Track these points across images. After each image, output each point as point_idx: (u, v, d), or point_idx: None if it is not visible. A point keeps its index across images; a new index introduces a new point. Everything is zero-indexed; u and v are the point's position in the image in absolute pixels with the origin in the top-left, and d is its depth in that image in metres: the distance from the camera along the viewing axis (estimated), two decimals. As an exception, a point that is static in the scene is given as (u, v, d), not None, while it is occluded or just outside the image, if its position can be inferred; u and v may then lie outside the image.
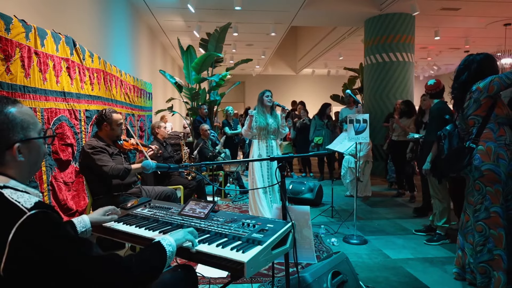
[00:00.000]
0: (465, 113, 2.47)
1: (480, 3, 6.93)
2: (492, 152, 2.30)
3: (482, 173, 2.33)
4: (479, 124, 2.38)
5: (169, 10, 7.29)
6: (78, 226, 1.43)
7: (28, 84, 2.49)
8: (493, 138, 2.32)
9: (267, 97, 3.86)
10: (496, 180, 2.29)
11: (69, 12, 3.89)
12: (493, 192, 2.30)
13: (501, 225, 2.28)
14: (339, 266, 2.17)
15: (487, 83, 2.31)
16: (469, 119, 2.45)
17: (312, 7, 7.09)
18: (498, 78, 2.27)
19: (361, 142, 3.74)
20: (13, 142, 0.99)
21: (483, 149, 2.33)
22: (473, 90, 2.38)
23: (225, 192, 5.61)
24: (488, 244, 2.31)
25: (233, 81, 9.38)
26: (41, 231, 0.88)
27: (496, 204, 2.30)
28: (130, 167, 2.78)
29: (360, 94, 9.23)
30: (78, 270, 0.90)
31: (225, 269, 1.28)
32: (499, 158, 2.29)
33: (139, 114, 5.52)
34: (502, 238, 2.27)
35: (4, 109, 0.98)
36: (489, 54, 2.47)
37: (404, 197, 5.48)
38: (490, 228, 2.31)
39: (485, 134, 2.35)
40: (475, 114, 2.40)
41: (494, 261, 2.29)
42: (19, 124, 1.00)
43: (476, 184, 2.39)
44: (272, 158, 1.75)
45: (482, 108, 2.36)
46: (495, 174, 2.29)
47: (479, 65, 2.43)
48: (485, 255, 2.32)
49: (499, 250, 2.27)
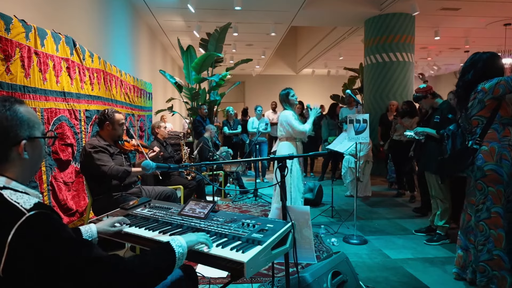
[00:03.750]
0: (469, 113, 2.45)
1: (480, 3, 6.93)
2: (495, 152, 2.29)
3: (484, 173, 2.32)
4: (483, 125, 2.37)
5: (169, 10, 7.29)
6: (84, 235, 1.42)
7: (28, 84, 2.49)
8: (497, 139, 2.31)
9: (293, 97, 3.68)
10: (499, 181, 2.29)
11: (69, 12, 3.89)
12: (495, 192, 2.30)
13: (501, 225, 2.28)
14: (339, 266, 2.16)
15: (493, 84, 2.28)
16: (473, 119, 2.43)
17: (312, 7, 7.09)
18: (505, 81, 2.24)
19: (361, 142, 3.74)
20: (21, 139, 1.00)
21: (486, 149, 2.32)
22: (478, 90, 2.35)
23: (225, 192, 5.61)
24: (488, 244, 2.31)
25: (233, 81, 9.38)
26: (41, 232, 0.88)
27: (497, 205, 2.29)
28: (130, 169, 2.78)
29: (360, 94, 9.23)
30: (78, 272, 0.90)
31: (225, 269, 1.28)
32: (502, 159, 2.28)
33: (139, 114, 5.52)
34: (502, 239, 2.27)
35: (14, 106, 1.01)
36: (495, 53, 2.46)
37: (404, 197, 5.48)
38: (490, 228, 2.31)
39: (489, 134, 2.34)
40: (479, 115, 2.38)
41: (494, 261, 2.29)
42: (26, 122, 1.02)
43: (478, 184, 2.38)
44: (272, 158, 1.75)
45: (486, 109, 2.34)
46: (498, 175, 2.28)
47: (484, 64, 2.40)
48: (485, 255, 2.32)
49: (498, 250, 2.27)
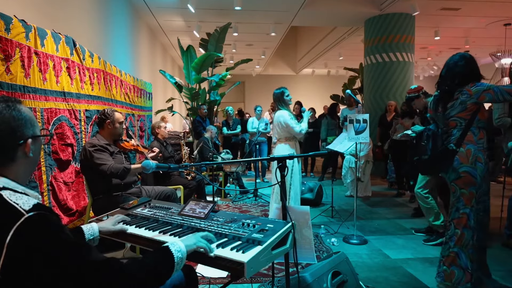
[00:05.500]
0: (447, 113, 2.41)
1: (480, 3, 6.93)
2: (471, 155, 2.30)
3: (459, 175, 2.33)
4: (461, 126, 2.35)
5: (169, 10, 7.29)
6: (86, 233, 1.42)
7: (28, 84, 2.49)
8: (474, 141, 2.31)
9: (288, 97, 3.63)
10: (472, 183, 2.30)
11: (69, 12, 3.89)
12: (467, 194, 2.32)
13: (466, 225, 2.32)
14: (339, 266, 2.17)
15: (480, 91, 2.25)
16: (451, 120, 2.40)
17: (312, 7, 7.09)
18: (493, 91, 2.21)
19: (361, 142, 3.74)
20: (27, 138, 1.01)
21: (463, 151, 2.32)
22: (463, 91, 2.32)
23: (225, 192, 5.61)
24: (450, 242, 2.38)
25: (233, 81, 9.38)
26: (39, 233, 0.87)
27: (467, 206, 2.32)
28: (130, 167, 2.77)
29: (360, 94, 9.23)
30: (76, 274, 0.89)
31: (225, 269, 1.27)
32: (477, 161, 2.29)
33: (139, 114, 5.52)
34: (463, 237, 2.32)
35: (17, 106, 1.02)
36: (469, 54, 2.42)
37: (404, 197, 5.48)
38: (456, 228, 2.36)
39: (466, 136, 2.34)
40: (458, 116, 2.36)
41: (449, 257, 2.36)
42: (28, 121, 1.03)
43: (451, 186, 2.40)
44: (272, 158, 1.75)
45: (467, 111, 2.32)
46: (472, 177, 2.30)
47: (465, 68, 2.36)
48: (445, 251, 2.41)
49: (456, 247, 2.34)
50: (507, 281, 2.60)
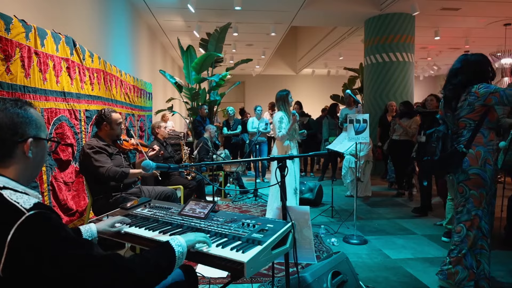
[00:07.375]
0: (457, 114, 2.41)
1: (480, 3, 6.93)
2: (481, 157, 2.30)
3: (468, 177, 2.32)
4: (470, 128, 2.35)
5: (169, 10, 7.29)
6: (84, 234, 1.42)
7: (28, 84, 2.49)
8: (483, 143, 2.31)
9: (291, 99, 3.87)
10: (482, 185, 2.30)
11: (69, 12, 3.89)
12: (477, 195, 2.32)
13: (479, 227, 2.32)
14: (339, 266, 2.17)
15: (487, 93, 2.24)
16: (460, 121, 2.40)
17: (312, 7, 7.09)
18: (499, 94, 2.20)
19: (361, 142, 3.74)
20: (28, 137, 1.02)
21: (472, 153, 2.32)
22: (471, 92, 2.31)
23: (225, 192, 5.61)
24: (461, 244, 2.37)
25: (233, 81, 9.38)
26: (40, 232, 0.88)
27: (478, 207, 2.32)
28: (128, 171, 2.75)
29: (360, 94, 9.23)
30: (78, 271, 0.90)
31: (225, 269, 1.27)
32: (486, 163, 2.29)
33: (139, 114, 5.52)
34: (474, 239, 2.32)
35: (24, 105, 1.05)
36: (484, 54, 2.43)
37: (404, 197, 5.49)
38: (468, 230, 2.34)
39: (476, 138, 2.33)
40: (467, 117, 2.35)
41: (457, 257, 2.36)
42: (34, 122, 1.05)
43: (459, 186, 2.39)
44: (272, 158, 1.75)
45: (475, 112, 2.32)
46: (481, 179, 2.29)
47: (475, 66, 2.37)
48: (455, 253, 2.40)
49: (465, 249, 2.34)
50: (507, 281, 2.60)
